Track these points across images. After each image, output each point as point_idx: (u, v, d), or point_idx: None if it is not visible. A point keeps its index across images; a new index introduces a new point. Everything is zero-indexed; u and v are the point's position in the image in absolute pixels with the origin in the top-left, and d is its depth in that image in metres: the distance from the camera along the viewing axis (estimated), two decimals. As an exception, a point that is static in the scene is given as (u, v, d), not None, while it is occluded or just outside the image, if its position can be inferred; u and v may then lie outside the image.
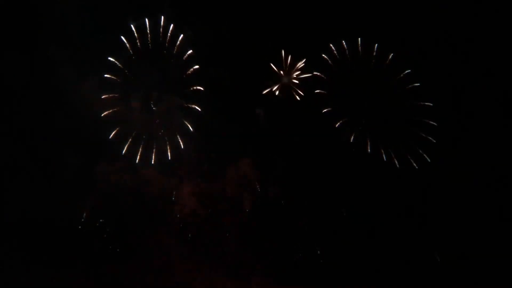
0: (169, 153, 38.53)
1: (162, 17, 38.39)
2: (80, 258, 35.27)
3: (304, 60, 41.54)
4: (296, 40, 40.56)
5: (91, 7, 36.65)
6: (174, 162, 38.55)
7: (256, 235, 38.70)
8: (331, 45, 41.62)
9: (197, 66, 39.19)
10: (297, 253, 39.13)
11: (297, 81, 41.59)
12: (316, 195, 40.37)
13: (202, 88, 39.30)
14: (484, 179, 40.48)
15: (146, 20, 38.21)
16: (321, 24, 40.54)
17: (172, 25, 38.62)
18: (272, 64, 41.10)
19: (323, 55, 41.51)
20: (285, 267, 38.32)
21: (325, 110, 41.39)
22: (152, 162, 38.12)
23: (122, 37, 37.82)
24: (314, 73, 41.52)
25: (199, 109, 39.17)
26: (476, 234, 38.67)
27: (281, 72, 41.54)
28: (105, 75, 37.42)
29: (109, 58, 37.38)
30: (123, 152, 37.67)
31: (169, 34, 38.77)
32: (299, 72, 41.78)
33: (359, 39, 41.86)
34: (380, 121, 42.78)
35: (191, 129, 38.83)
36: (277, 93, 41.34)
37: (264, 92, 41.16)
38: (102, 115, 37.30)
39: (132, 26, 37.93)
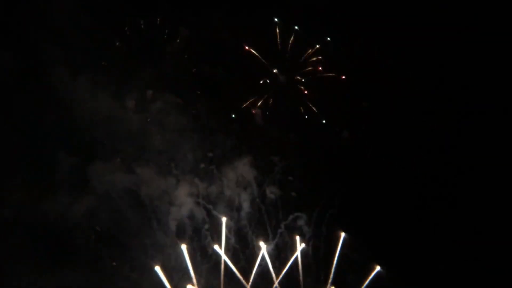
0: (165, 154, 38.15)
1: (158, 17, 38.68)
2: (75, 260, 34.72)
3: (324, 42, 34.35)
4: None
5: (86, 6, 36.67)
6: (170, 162, 38.12)
7: (255, 237, 38.13)
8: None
9: (194, 69, 39.31)
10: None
11: (303, 88, 37.84)
12: (315, 197, 39.73)
13: (198, 89, 39.40)
14: (487, 183, 39.86)
15: (142, 20, 38.45)
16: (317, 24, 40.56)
17: (168, 25, 38.84)
18: (262, 58, 34.22)
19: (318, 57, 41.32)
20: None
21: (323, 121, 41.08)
22: (149, 163, 37.67)
23: (117, 36, 37.97)
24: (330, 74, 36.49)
25: (196, 109, 39.12)
26: (480, 240, 38.12)
27: (275, 71, 36.03)
28: (100, 75, 37.20)
29: (104, 57, 37.53)
30: (119, 152, 37.28)
31: (165, 34, 38.87)
32: (310, 68, 35.75)
33: (357, 39, 41.89)
34: (380, 124, 42.52)
35: (187, 130, 38.53)
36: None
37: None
38: (97, 115, 36.91)
39: (127, 25, 38.06)
